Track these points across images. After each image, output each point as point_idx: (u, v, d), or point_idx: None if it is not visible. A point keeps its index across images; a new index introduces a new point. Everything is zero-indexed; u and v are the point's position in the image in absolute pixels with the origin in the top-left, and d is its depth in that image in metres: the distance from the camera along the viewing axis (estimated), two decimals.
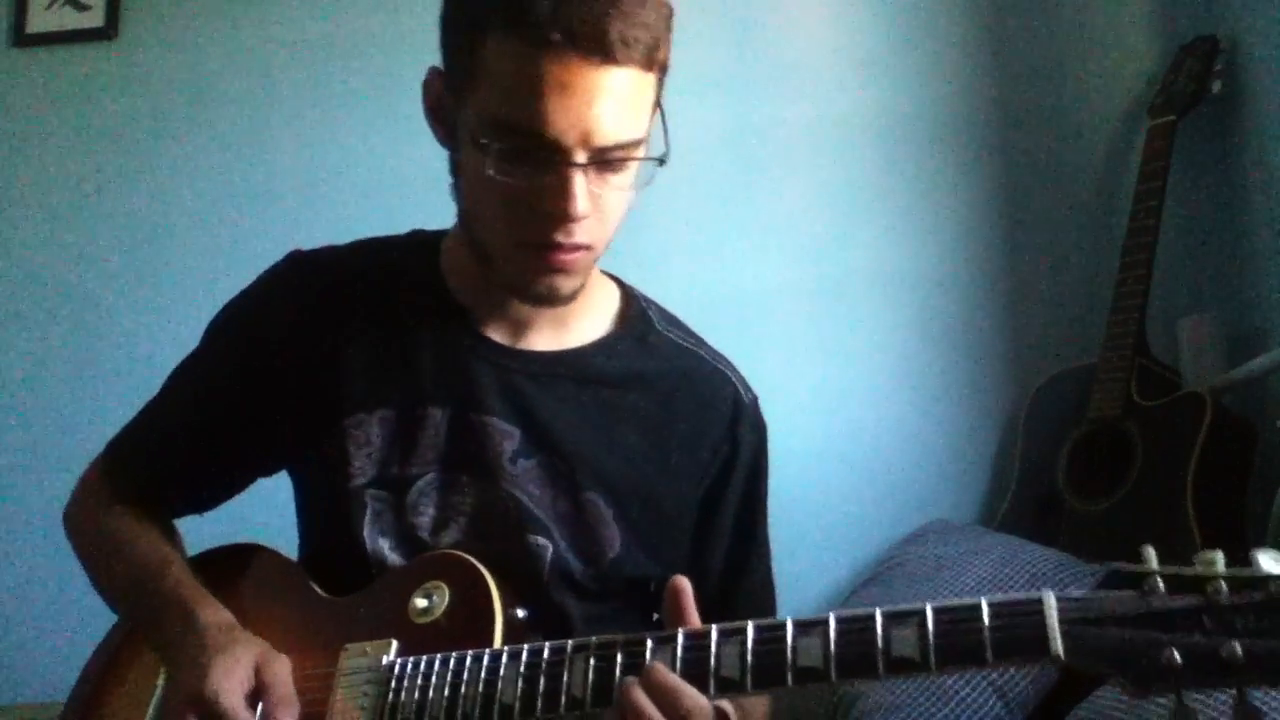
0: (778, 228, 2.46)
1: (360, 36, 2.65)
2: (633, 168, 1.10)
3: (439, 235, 1.29)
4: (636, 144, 1.08)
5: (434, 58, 1.15)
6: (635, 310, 1.30)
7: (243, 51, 2.70)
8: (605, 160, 1.07)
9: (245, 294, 1.29)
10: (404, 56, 2.59)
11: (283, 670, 1.06)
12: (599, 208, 1.09)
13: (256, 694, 1.04)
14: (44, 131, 2.72)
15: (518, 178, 1.06)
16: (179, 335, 1.32)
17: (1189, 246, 2.29)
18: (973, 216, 2.42)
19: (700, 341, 1.33)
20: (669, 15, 1.09)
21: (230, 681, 1.03)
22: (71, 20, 2.72)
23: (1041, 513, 2.15)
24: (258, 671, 1.05)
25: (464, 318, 1.23)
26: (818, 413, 2.37)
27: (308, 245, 1.31)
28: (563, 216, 1.06)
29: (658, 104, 1.12)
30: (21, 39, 2.74)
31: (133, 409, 1.38)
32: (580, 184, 1.05)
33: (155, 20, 2.73)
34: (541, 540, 1.17)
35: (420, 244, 1.29)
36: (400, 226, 1.33)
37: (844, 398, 2.37)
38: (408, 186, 2.48)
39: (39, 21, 2.73)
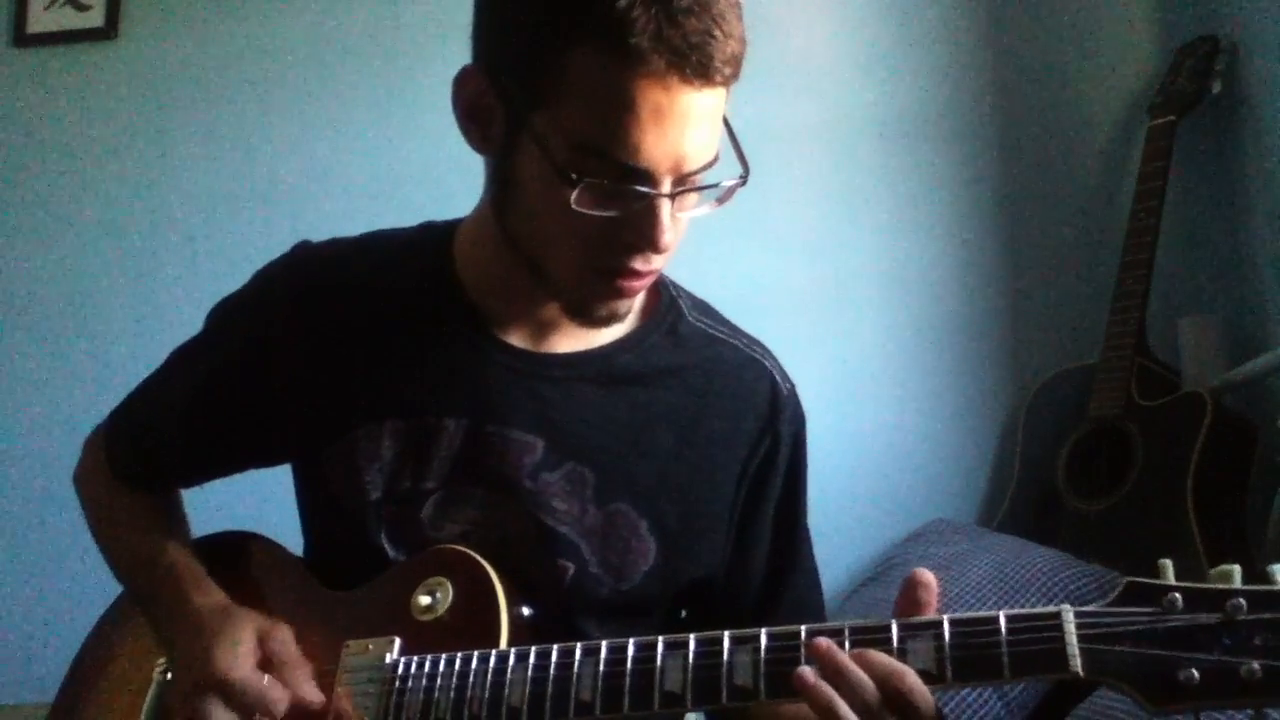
0: (778, 228, 2.46)
1: (360, 36, 2.64)
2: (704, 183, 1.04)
3: (451, 227, 1.21)
4: (714, 162, 1.02)
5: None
6: (664, 299, 1.22)
7: (243, 50, 2.69)
8: (687, 185, 1.01)
9: (249, 286, 1.25)
10: (405, 55, 2.60)
11: (286, 637, 1.05)
12: (675, 230, 1.02)
13: (264, 665, 1.03)
14: (44, 131, 2.72)
15: (606, 211, 0.98)
16: (178, 335, 1.31)
17: (1189, 246, 2.29)
18: (973, 216, 2.42)
19: (734, 330, 1.26)
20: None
21: (237, 655, 1.02)
22: (71, 20, 2.71)
23: (1041, 512, 2.15)
24: (261, 643, 1.04)
25: (479, 320, 1.16)
26: (817, 413, 2.32)
27: None
28: (648, 247, 1.00)
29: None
30: (21, 39, 2.74)
31: None
32: (668, 214, 0.99)
33: (155, 20, 2.72)
34: (565, 562, 1.12)
35: (432, 238, 1.21)
36: (401, 225, 1.28)
37: (844, 398, 2.37)
38: (408, 185, 2.49)
39: (39, 21, 2.72)
